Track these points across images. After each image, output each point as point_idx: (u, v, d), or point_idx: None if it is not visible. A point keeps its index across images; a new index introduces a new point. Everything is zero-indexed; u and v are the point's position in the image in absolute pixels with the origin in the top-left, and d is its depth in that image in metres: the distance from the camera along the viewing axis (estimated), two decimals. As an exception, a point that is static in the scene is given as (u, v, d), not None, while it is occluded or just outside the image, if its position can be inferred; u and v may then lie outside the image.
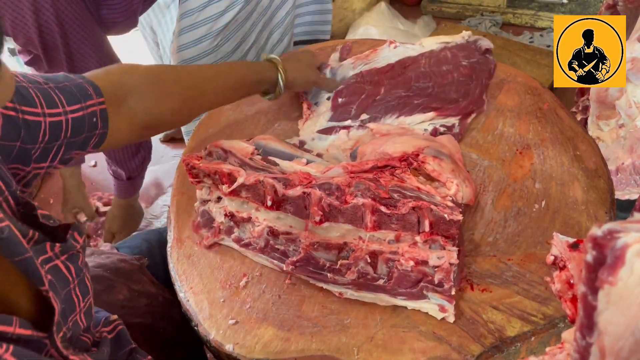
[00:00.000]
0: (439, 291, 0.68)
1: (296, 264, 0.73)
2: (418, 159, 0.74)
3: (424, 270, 0.69)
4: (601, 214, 0.76)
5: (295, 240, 0.74)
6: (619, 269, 0.27)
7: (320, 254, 0.73)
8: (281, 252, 0.75)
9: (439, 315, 0.67)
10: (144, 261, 0.92)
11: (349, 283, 0.71)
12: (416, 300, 0.69)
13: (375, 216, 0.70)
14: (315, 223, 0.72)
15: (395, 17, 2.23)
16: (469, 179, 0.77)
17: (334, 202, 0.71)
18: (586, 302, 0.29)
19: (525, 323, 0.66)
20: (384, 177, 0.74)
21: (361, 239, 0.71)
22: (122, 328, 0.68)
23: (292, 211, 0.74)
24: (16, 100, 0.58)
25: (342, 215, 0.71)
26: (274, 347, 0.68)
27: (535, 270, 0.70)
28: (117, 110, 0.71)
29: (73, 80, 0.67)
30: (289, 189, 0.73)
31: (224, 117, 1.03)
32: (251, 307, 0.73)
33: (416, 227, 0.69)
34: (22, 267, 0.47)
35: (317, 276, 0.73)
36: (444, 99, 0.94)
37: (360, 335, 0.68)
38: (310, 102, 1.00)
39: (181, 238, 0.84)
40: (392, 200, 0.70)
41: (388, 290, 0.70)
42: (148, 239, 0.99)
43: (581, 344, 0.30)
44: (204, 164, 0.79)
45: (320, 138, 0.93)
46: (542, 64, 1.78)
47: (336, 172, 0.76)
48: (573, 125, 0.88)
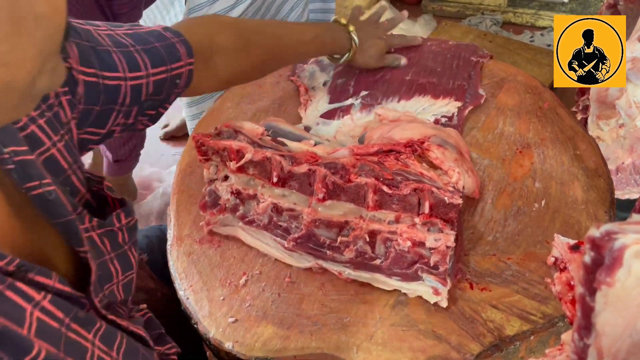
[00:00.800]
0: (433, 273, 0.68)
1: (297, 240, 0.74)
2: (423, 146, 0.75)
3: (420, 251, 0.69)
4: (601, 214, 0.76)
5: (298, 217, 0.75)
6: (617, 270, 0.27)
7: (321, 232, 0.74)
8: (283, 229, 0.76)
9: (432, 299, 0.68)
10: (143, 256, 0.92)
11: (347, 261, 0.72)
12: (410, 281, 0.69)
13: (377, 195, 0.71)
14: (319, 200, 0.73)
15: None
16: (472, 170, 0.78)
17: (338, 180, 0.72)
18: (584, 303, 0.29)
19: (524, 322, 0.66)
20: (388, 160, 0.75)
21: (362, 218, 0.72)
22: (151, 315, 0.69)
23: (296, 187, 0.75)
24: (97, 65, 0.59)
25: (345, 194, 0.72)
26: (274, 345, 0.69)
27: (534, 269, 0.71)
28: (203, 67, 0.74)
29: (166, 40, 0.69)
30: (295, 165, 0.74)
31: (224, 115, 1.03)
32: (251, 305, 0.74)
33: (416, 208, 0.70)
34: (64, 229, 0.49)
35: (317, 253, 0.73)
36: (425, 70, 1.00)
37: (359, 334, 0.68)
38: (307, 86, 1.02)
39: (181, 236, 0.84)
40: (395, 181, 0.71)
41: (384, 270, 0.71)
42: (148, 235, 0.99)
43: (579, 345, 0.30)
44: (213, 141, 0.79)
45: (325, 123, 0.95)
46: (542, 63, 1.78)
47: (342, 154, 0.77)
48: (573, 124, 0.88)
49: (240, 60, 0.80)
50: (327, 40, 0.91)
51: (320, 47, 0.92)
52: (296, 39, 0.88)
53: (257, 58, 0.82)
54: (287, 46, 0.87)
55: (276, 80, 1.08)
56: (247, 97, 1.05)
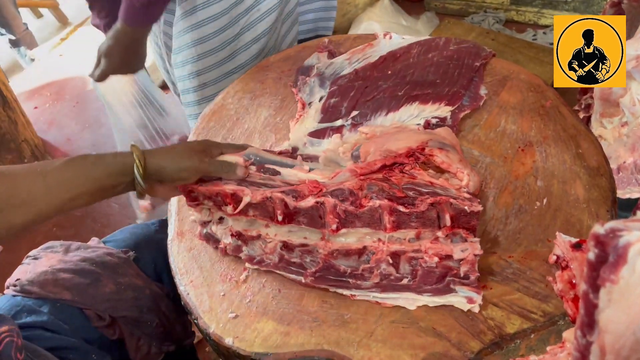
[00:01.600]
0: (465, 283, 0.68)
1: (315, 275, 0.72)
2: (425, 153, 0.74)
3: (449, 264, 0.69)
4: (602, 212, 0.76)
5: (312, 251, 0.73)
6: (621, 267, 0.27)
7: (340, 262, 0.72)
8: (297, 265, 0.74)
9: (466, 307, 0.67)
10: (130, 254, 0.92)
11: (373, 286, 0.70)
12: (443, 295, 0.68)
13: (393, 217, 0.69)
14: (332, 231, 0.71)
15: (398, 13, 2.22)
16: (471, 168, 0.77)
17: (349, 208, 0.70)
18: (587, 300, 0.29)
19: (525, 320, 0.66)
20: (394, 175, 0.73)
21: (381, 241, 0.71)
22: (8, 341, 0.61)
23: (305, 222, 0.73)
24: None
25: (359, 220, 0.71)
26: (274, 341, 0.69)
27: (535, 267, 0.70)
28: None
29: None
30: (299, 200, 0.71)
31: (225, 111, 1.02)
32: (251, 301, 0.73)
33: (436, 222, 0.69)
34: None
35: (339, 284, 0.71)
36: (422, 84, 0.95)
37: (360, 331, 0.68)
38: (305, 102, 0.99)
39: (182, 231, 0.84)
40: (409, 198, 0.69)
41: (413, 289, 0.69)
42: (135, 232, 0.99)
43: (582, 342, 0.30)
44: (203, 186, 0.75)
45: (312, 143, 0.90)
46: (545, 61, 1.78)
47: (345, 177, 0.74)
48: (575, 123, 0.88)
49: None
50: (103, 185, 0.68)
51: (95, 196, 0.69)
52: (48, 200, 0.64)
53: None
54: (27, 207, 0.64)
55: (278, 76, 1.08)
56: (249, 92, 1.05)
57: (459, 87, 0.94)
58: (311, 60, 1.07)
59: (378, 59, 1.02)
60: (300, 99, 1.00)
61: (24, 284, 0.82)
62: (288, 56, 1.12)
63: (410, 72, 0.98)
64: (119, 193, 0.71)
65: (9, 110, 1.81)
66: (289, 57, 1.12)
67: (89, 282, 0.84)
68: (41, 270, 0.84)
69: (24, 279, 0.83)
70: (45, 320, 0.78)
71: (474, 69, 0.97)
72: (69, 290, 0.82)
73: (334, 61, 1.05)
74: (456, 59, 0.98)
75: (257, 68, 1.11)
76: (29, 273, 0.84)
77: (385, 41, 1.06)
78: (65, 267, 0.85)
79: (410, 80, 0.96)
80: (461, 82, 0.94)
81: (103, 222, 1.79)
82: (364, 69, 1.00)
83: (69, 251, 0.90)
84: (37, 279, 0.82)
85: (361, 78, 0.99)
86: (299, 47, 1.14)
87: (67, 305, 0.82)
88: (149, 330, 0.87)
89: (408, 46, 1.03)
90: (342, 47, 1.10)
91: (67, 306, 0.82)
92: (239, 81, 1.09)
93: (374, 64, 1.01)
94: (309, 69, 1.05)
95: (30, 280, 0.82)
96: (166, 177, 0.72)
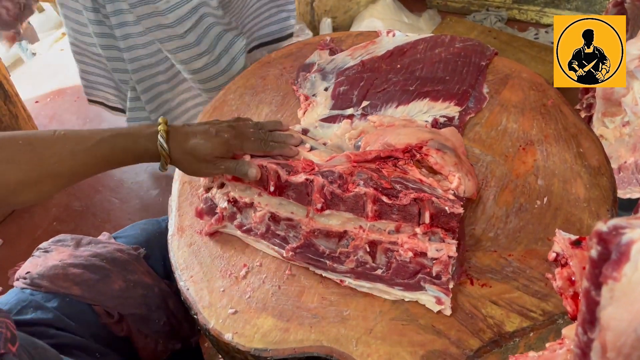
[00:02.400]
0: (436, 283, 0.68)
1: (296, 250, 0.74)
2: (421, 151, 0.74)
3: (422, 262, 0.69)
4: (603, 212, 0.76)
5: (296, 226, 0.75)
6: (624, 264, 0.27)
7: (320, 242, 0.73)
8: (281, 238, 0.76)
9: (435, 308, 0.67)
10: (141, 251, 0.92)
11: (348, 271, 0.71)
12: (413, 291, 0.69)
13: (376, 206, 0.70)
14: (317, 210, 0.72)
15: (400, 10, 2.22)
16: (472, 172, 0.77)
17: (336, 190, 0.71)
18: (589, 297, 0.29)
19: (524, 319, 0.66)
20: (386, 167, 0.74)
21: (361, 228, 0.71)
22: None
23: (294, 197, 0.74)
24: None
25: (343, 204, 0.71)
26: (273, 337, 0.69)
27: (535, 266, 0.70)
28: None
29: None
30: (292, 175, 0.73)
31: (227, 107, 1.02)
32: (251, 297, 0.74)
33: (417, 218, 0.70)
34: None
35: (316, 263, 0.73)
36: (432, 80, 0.95)
37: (359, 327, 0.68)
38: (308, 95, 0.99)
39: (182, 227, 0.84)
40: (394, 190, 0.70)
41: (386, 280, 0.70)
42: (146, 229, 0.99)
43: (583, 339, 0.30)
44: None
45: (323, 126, 0.93)
46: (546, 60, 1.78)
47: (339, 161, 0.76)
48: (577, 122, 0.88)
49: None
50: (117, 149, 0.71)
51: (107, 157, 0.71)
52: (68, 149, 0.68)
53: (19, 174, 0.66)
54: (50, 160, 0.67)
55: (280, 72, 1.07)
56: (251, 89, 1.05)
57: (468, 86, 0.94)
58: (312, 57, 1.07)
59: (385, 52, 1.02)
60: (301, 94, 1.00)
61: (34, 277, 0.82)
62: (290, 52, 1.12)
63: (419, 67, 0.99)
64: (127, 163, 0.75)
65: (10, 104, 1.81)
66: (291, 54, 1.12)
67: (98, 278, 0.84)
68: (52, 264, 0.84)
69: (35, 272, 0.83)
70: (50, 318, 0.78)
71: (480, 68, 0.97)
72: (78, 285, 0.82)
73: (336, 57, 1.05)
74: (464, 56, 0.99)
75: (259, 64, 1.11)
76: (39, 266, 0.84)
77: (387, 38, 1.06)
78: (75, 262, 0.85)
79: (420, 75, 0.98)
80: (469, 81, 0.95)
81: (103, 218, 1.79)
82: (371, 61, 1.01)
83: (79, 245, 0.90)
84: (47, 273, 0.82)
85: (369, 70, 1.00)
86: (301, 44, 1.14)
87: (76, 300, 0.82)
88: (157, 327, 0.87)
89: (414, 42, 1.04)
90: (344, 44, 1.10)
91: (76, 302, 0.82)
92: (240, 77, 1.09)
93: (382, 57, 1.02)
94: (310, 67, 1.05)
95: (41, 274, 0.82)
96: (185, 170, 0.78)
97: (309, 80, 1.02)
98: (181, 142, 0.74)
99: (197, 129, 0.75)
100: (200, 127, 0.76)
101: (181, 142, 0.74)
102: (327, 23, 2.19)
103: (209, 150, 0.74)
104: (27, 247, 0.90)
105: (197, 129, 0.75)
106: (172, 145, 0.73)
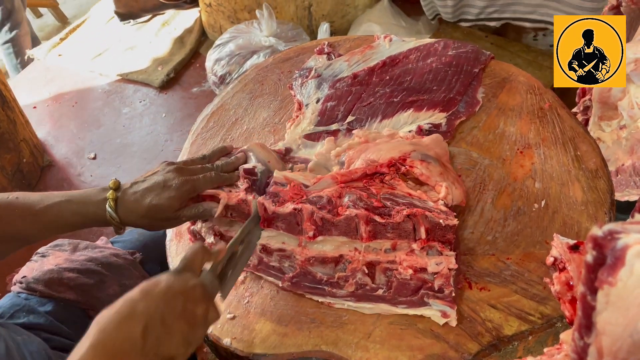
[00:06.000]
0: (439, 297, 0.67)
1: (292, 280, 0.72)
2: (406, 164, 0.74)
3: (423, 277, 0.68)
4: (601, 215, 0.76)
5: (290, 256, 0.73)
6: (619, 269, 0.27)
7: (316, 269, 0.72)
8: (276, 269, 0.74)
9: (441, 321, 0.67)
10: (137, 256, 0.92)
11: (348, 295, 0.70)
12: (417, 307, 0.68)
13: (370, 226, 0.69)
14: (309, 238, 0.71)
15: (397, 15, 2.22)
16: (457, 180, 0.77)
17: (327, 215, 0.69)
18: (585, 302, 0.29)
19: (522, 322, 0.66)
20: (374, 185, 0.73)
21: (357, 250, 0.71)
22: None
23: (283, 228, 0.72)
24: None
25: (335, 228, 0.70)
26: (272, 342, 0.68)
27: (533, 269, 0.71)
28: None
29: None
30: (278, 206, 0.71)
31: (224, 112, 1.02)
32: (249, 302, 0.73)
33: (412, 234, 0.69)
34: None
35: (315, 290, 0.72)
36: (418, 90, 0.95)
37: (358, 332, 0.68)
38: (302, 102, 0.99)
39: (181, 232, 0.84)
40: (386, 209, 0.69)
41: (388, 300, 0.69)
42: (143, 233, 0.99)
43: (579, 344, 0.30)
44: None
45: (306, 145, 0.90)
46: (543, 65, 1.78)
47: (326, 183, 0.74)
48: (574, 125, 0.88)
49: None
50: (65, 214, 0.70)
51: (56, 222, 0.71)
52: (17, 214, 0.69)
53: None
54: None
55: (277, 76, 1.08)
56: (249, 93, 1.05)
57: (455, 94, 0.93)
58: (310, 62, 1.07)
59: (377, 63, 1.01)
60: (297, 100, 1.00)
61: (30, 282, 0.82)
62: (288, 57, 1.12)
63: (408, 78, 0.98)
64: (78, 227, 0.74)
65: (7, 109, 1.80)
66: (289, 58, 1.12)
67: (93, 282, 0.84)
68: (47, 268, 0.84)
69: (30, 277, 0.83)
70: (42, 322, 0.78)
71: (472, 75, 0.97)
72: (73, 290, 0.82)
73: (333, 62, 1.05)
74: (455, 65, 0.98)
75: (257, 68, 1.11)
76: (35, 271, 0.84)
77: (384, 43, 1.06)
78: (71, 267, 0.85)
79: (408, 86, 0.96)
80: (458, 89, 0.94)
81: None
82: (362, 73, 1.00)
83: (76, 250, 0.90)
84: (42, 277, 0.83)
85: (359, 83, 0.99)
86: (299, 49, 1.14)
87: (71, 305, 0.82)
88: None
89: (408, 51, 1.02)
90: (342, 48, 1.10)
91: (70, 306, 0.82)
92: (238, 82, 1.09)
93: (373, 68, 1.01)
94: (308, 71, 1.05)
95: (36, 278, 0.83)
96: (147, 229, 0.75)
97: (305, 86, 1.02)
98: (133, 209, 0.71)
99: (145, 186, 0.71)
100: (147, 183, 0.72)
101: (133, 208, 0.71)
102: (324, 28, 2.19)
103: (164, 209, 0.70)
104: (25, 252, 0.89)
105: (146, 187, 0.71)
106: (123, 213, 0.70)
